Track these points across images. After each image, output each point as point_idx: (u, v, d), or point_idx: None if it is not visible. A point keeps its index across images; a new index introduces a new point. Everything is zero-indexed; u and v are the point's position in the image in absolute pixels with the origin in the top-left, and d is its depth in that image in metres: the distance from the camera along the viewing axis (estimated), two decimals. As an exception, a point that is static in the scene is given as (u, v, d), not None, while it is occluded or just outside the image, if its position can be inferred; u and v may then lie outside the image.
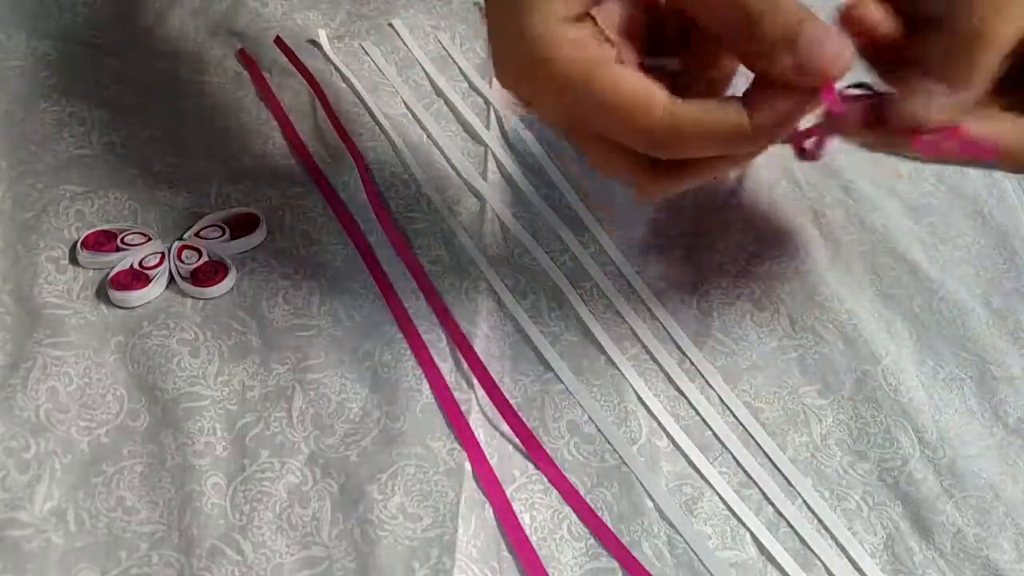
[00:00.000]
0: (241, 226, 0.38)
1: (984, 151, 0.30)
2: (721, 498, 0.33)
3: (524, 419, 0.34)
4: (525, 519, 0.32)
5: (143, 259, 0.36)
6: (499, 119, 0.44)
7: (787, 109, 0.29)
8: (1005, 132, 0.31)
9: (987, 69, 0.29)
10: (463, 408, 0.34)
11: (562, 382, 0.35)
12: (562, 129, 0.32)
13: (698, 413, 0.35)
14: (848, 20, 0.32)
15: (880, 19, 0.32)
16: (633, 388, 0.36)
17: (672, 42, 0.33)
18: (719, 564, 0.31)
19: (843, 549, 0.32)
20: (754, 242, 0.41)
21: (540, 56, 0.29)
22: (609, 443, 0.34)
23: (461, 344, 0.36)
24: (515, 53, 0.30)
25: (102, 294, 0.36)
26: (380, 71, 0.46)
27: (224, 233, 0.38)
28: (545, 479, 0.33)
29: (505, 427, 0.34)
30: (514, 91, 0.32)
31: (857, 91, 0.31)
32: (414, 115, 0.44)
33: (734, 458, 0.34)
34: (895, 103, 0.30)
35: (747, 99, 0.29)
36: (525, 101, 0.32)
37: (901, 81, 0.30)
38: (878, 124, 0.30)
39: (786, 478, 0.34)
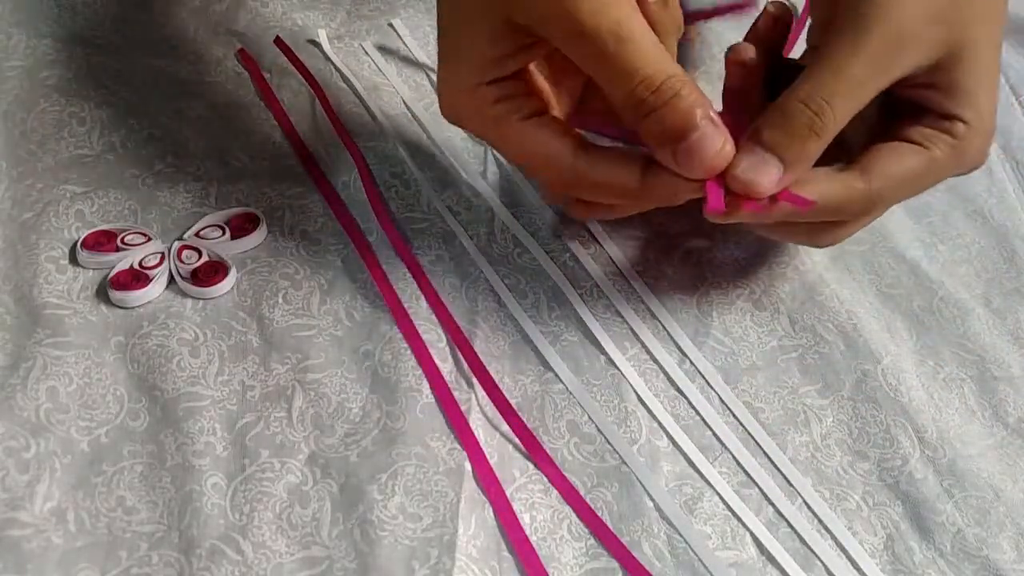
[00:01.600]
0: (241, 226, 0.38)
1: (801, 203, 0.31)
2: (721, 498, 0.33)
3: (524, 419, 0.34)
4: (525, 519, 0.32)
5: (143, 259, 0.36)
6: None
7: (675, 185, 0.31)
8: (822, 190, 0.31)
9: (815, 155, 0.30)
10: (463, 408, 0.34)
11: (562, 382, 0.35)
12: None
13: (698, 413, 0.35)
14: (733, 60, 0.34)
15: (750, 60, 0.34)
16: (633, 388, 0.36)
17: None
18: (719, 564, 0.31)
19: (843, 549, 0.32)
20: (754, 242, 0.41)
21: (454, 115, 0.34)
22: (609, 443, 0.34)
23: (461, 344, 0.36)
24: (440, 102, 0.34)
25: (102, 294, 0.36)
26: (380, 71, 0.46)
27: (224, 233, 0.38)
28: (545, 479, 0.33)
29: (505, 427, 0.34)
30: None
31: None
32: (414, 115, 0.44)
33: (734, 458, 0.34)
34: (729, 165, 0.30)
35: (648, 162, 0.31)
36: None
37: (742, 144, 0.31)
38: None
39: (786, 478, 0.34)
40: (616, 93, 0.30)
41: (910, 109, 0.32)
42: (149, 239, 0.37)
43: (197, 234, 0.38)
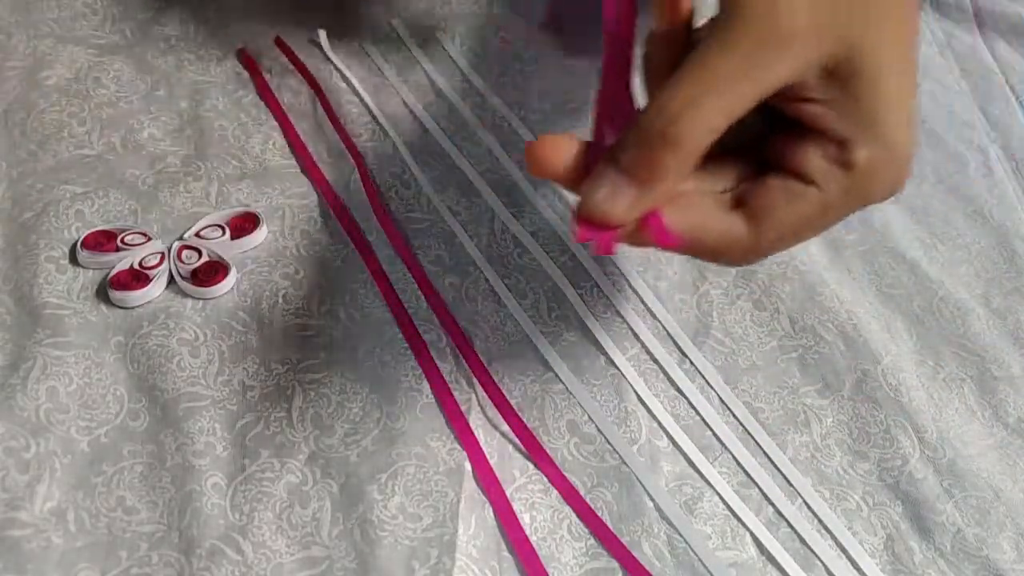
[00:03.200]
0: (241, 226, 0.38)
1: (663, 240, 0.26)
2: (721, 498, 0.33)
3: (524, 419, 0.34)
4: (525, 519, 0.32)
5: (143, 259, 0.36)
6: (499, 119, 0.44)
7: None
8: (704, 225, 0.27)
9: (677, 171, 0.25)
10: (463, 408, 0.34)
11: (562, 382, 0.35)
12: None
13: (698, 413, 0.35)
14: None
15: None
16: (633, 388, 0.36)
17: None
18: (719, 564, 0.31)
19: (843, 549, 0.32)
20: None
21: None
22: (609, 443, 0.34)
23: (461, 344, 0.36)
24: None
25: (102, 294, 0.36)
26: (380, 71, 0.46)
27: (224, 233, 0.38)
28: (545, 479, 0.33)
29: (505, 427, 0.34)
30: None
31: None
32: (414, 115, 0.44)
33: (734, 458, 0.34)
34: (581, 194, 0.25)
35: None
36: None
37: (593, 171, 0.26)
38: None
39: (786, 478, 0.34)
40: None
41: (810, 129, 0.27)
42: (149, 239, 0.37)
43: (197, 234, 0.38)
